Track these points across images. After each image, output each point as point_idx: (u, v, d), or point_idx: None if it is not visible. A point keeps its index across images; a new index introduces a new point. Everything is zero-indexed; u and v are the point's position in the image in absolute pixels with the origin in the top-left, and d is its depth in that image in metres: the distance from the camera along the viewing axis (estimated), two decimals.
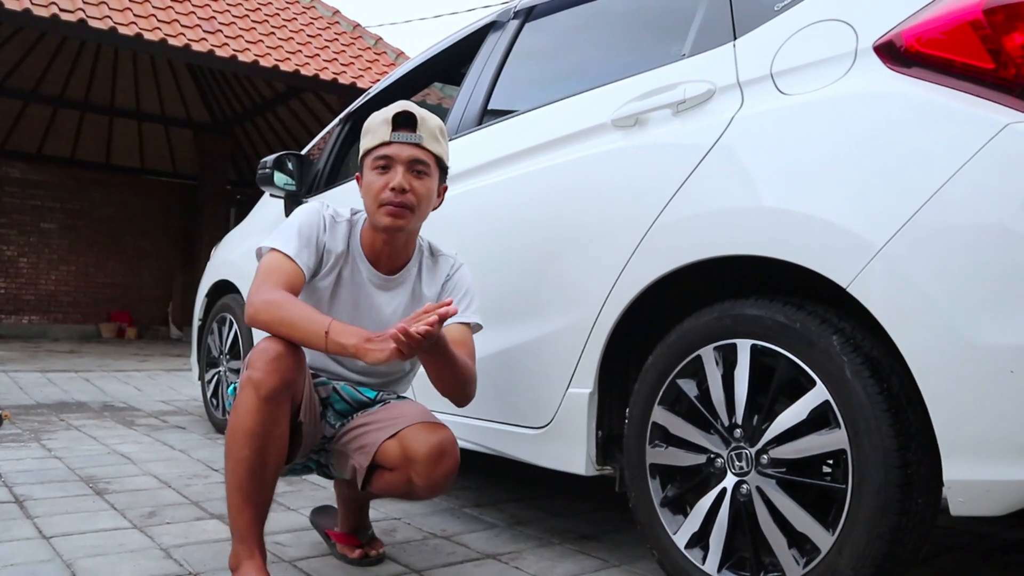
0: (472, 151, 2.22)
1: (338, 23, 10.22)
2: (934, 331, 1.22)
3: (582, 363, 1.79)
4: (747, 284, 1.62)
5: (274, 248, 1.61)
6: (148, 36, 7.37)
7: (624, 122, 1.78)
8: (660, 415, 1.62)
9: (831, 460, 1.42)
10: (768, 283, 1.60)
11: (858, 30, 1.42)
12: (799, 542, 1.40)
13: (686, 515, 1.58)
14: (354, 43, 9.77)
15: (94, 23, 7.12)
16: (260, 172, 2.99)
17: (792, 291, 1.50)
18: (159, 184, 12.40)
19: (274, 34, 8.89)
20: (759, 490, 1.44)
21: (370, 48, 9.80)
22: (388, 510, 2.27)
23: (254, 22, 9.01)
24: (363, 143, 1.68)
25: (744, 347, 1.48)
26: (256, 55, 8.04)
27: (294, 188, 3.00)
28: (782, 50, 1.53)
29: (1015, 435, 1.16)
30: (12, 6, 6.73)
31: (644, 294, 1.68)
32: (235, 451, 1.46)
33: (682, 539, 1.57)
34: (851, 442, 1.32)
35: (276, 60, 8.17)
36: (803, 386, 1.40)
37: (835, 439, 1.34)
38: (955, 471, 1.22)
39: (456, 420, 2.01)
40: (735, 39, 1.64)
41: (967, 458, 1.20)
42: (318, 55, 8.84)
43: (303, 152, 3.16)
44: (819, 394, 1.36)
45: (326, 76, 8.33)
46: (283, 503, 2.29)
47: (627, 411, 1.71)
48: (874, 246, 1.28)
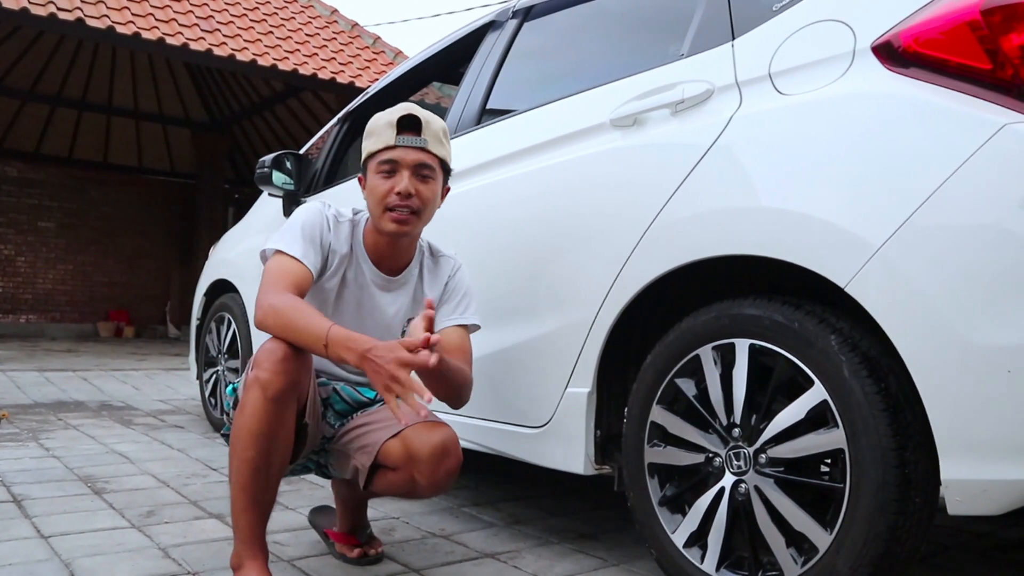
0: (471, 151, 2.22)
1: (336, 22, 10.22)
2: (932, 331, 1.23)
3: (581, 362, 1.80)
4: (745, 284, 1.63)
5: (279, 251, 1.59)
6: (146, 35, 7.36)
7: (623, 122, 1.78)
8: (659, 414, 1.63)
9: (829, 459, 1.42)
10: (766, 283, 1.60)
11: (856, 30, 1.42)
12: (797, 541, 1.40)
13: (684, 514, 1.58)
14: (352, 42, 9.76)
15: (92, 22, 7.11)
16: (258, 171, 2.99)
17: (790, 291, 1.50)
18: (157, 183, 12.40)
19: (272, 33, 8.89)
20: (757, 489, 1.45)
21: (368, 47, 9.80)
22: (387, 509, 2.27)
23: (252, 21, 9.01)
24: (366, 145, 1.67)
25: (742, 347, 1.48)
26: (254, 54, 8.03)
27: (292, 187, 3.00)
28: (780, 50, 1.53)
29: (1012, 435, 1.17)
30: (10, 5, 6.72)
31: (643, 293, 1.68)
32: (240, 451, 1.46)
33: (680, 538, 1.57)
34: (849, 441, 1.32)
35: (274, 59, 8.16)
36: (801, 386, 1.40)
37: (833, 438, 1.35)
38: (953, 470, 1.22)
39: (455, 419, 2.01)
40: (733, 39, 1.64)
41: (964, 457, 1.21)
42: (316, 54, 8.84)
43: (301, 151, 3.16)
44: (817, 393, 1.37)
45: (324, 75, 8.33)
46: (282, 502, 2.28)
47: (626, 410, 1.71)
48: (872, 246, 1.28)
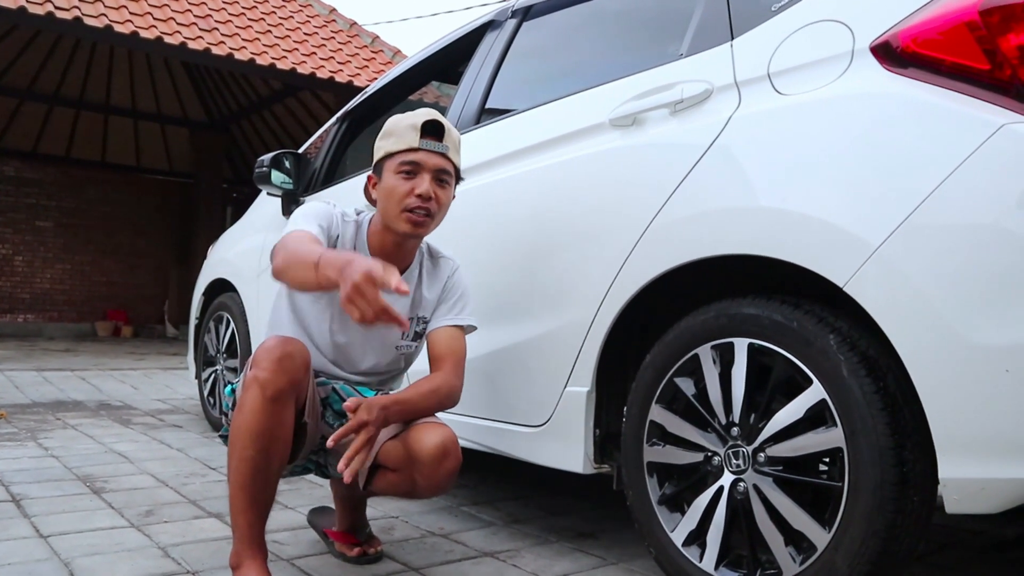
0: (470, 150, 2.21)
1: (335, 21, 10.21)
2: (930, 330, 1.23)
3: (580, 361, 1.80)
4: (744, 283, 1.63)
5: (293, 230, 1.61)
6: (144, 34, 7.35)
7: (622, 121, 1.79)
8: (658, 413, 1.63)
9: (827, 458, 1.43)
10: (765, 282, 1.60)
11: (855, 31, 1.42)
12: (795, 540, 1.41)
13: (683, 513, 1.59)
14: (351, 41, 9.76)
15: (90, 21, 7.10)
16: (257, 171, 2.99)
17: (789, 290, 1.51)
18: (155, 182, 12.38)
19: (270, 32, 8.88)
20: (756, 488, 1.45)
21: (367, 46, 9.79)
22: (386, 508, 2.28)
23: (250, 20, 8.99)
24: (384, 145, 1.68)
25: (741, 346, 1.49)
26: (252, 53, 8.02)
27: (291, 187, 3.00)
28: (779, 50, 1.53)
29: (1010, 433, 1.17)
30: (7, 4, 6.70)
31: (642, 293, 1.69)
32: (239, 450, 1.46)
33: (679, 537, 1.58)
34: (847, 440, 1.33)
35: (272, 58, 8.15)
36: (800, 385, 1.40)
37: (831, 437, 1.35)
38: (950, 469, 1.23)
39: (454, 418, 2.02)
40: (732, 39, 1.64)
41: (962, 456, 1.21)
42: (314, 53, 8.83)
43: (300, 151, 3.15)
44: (816, 393, 1.37)
45: (322, 74, 8.32)
46: (281, 501, 2.29)
47: (625, 409, 1.72)
48: (870, 245, 1.29)
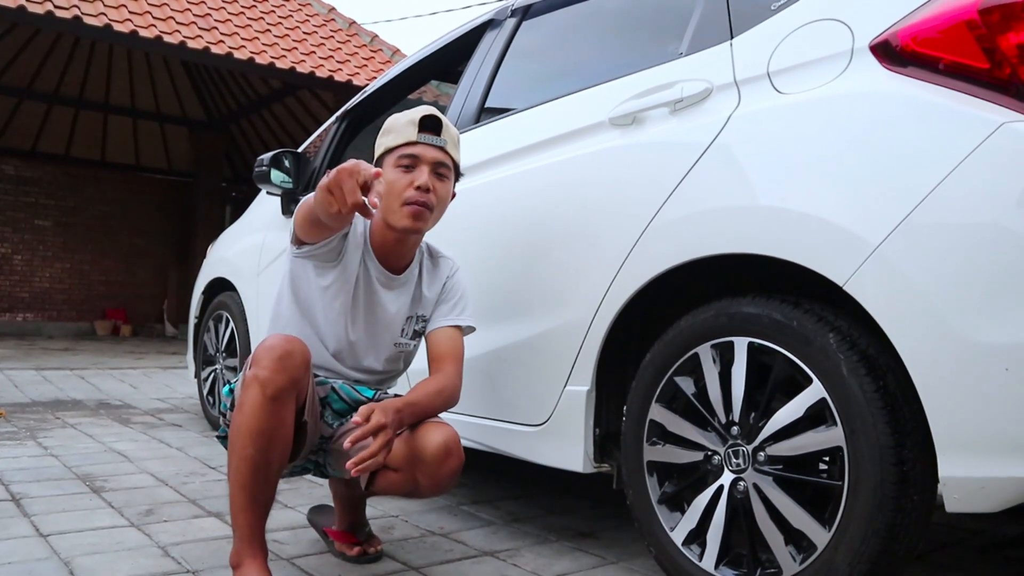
0: (469, 149, 2.21)
1: (334, 20, 10.20)
2: (930, 329, 1.23)
3: (580, 360, 1.80)
4: (744, 282, 1.63)
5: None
6: (143, 33, 7.34)
7: (622, 120, 1.79)
8: (657, 412, 1.63)
9: (827, 457, 1.42)
10: (765, 281, 1.60)
11: (854, 29, 1.42)
12: (795, 539, 1.41)
13: (683, 512, 1.59)
14: (350, 40, 9.75)
15: (89, 20, 7.09)
16: (257, 170, 2.99)
17: (789, 289, 1.51)
18: (154, 181, 12.37)
19: (270, 31, 8.87)
20: (756, 487, 1.45)
21: (366, 45, 9.78)
22: (386, 508, 2.28)
23: (249, 19, 8.99)
24: (384, 141, 1.70)
25: (741, 345, 1.49)
26: (251, 52, 8.02)
27: (291, 186, 3.00)
28: (779, 49, 1.53)
29: (1010, 432, 1.17)
30: (7, 2, 6.69)
31: (642, 291, 1.69)
32: (240, 450, 1.46)
33: (679, 536, 1.58)
34: (847, 439, 1.33)
35: (272, 57, 8.15)
36: (800, 384, 1.40)
37: (831, 436, 1.35)
38: (950, 468, 1.23)
39: (454, 417, 2.02)
40: (732, 38, 1.64)
41: (962, 455, 1.21)
42: (313, 52, 8.82)
43: (300, 150, 3.15)
44: (815, 391, 1.37)
45: (322, 73, 8.32)
46: (281, 501, 2.29)
47: (624, 408, 1.72)
48: (870, 244, 1.29)
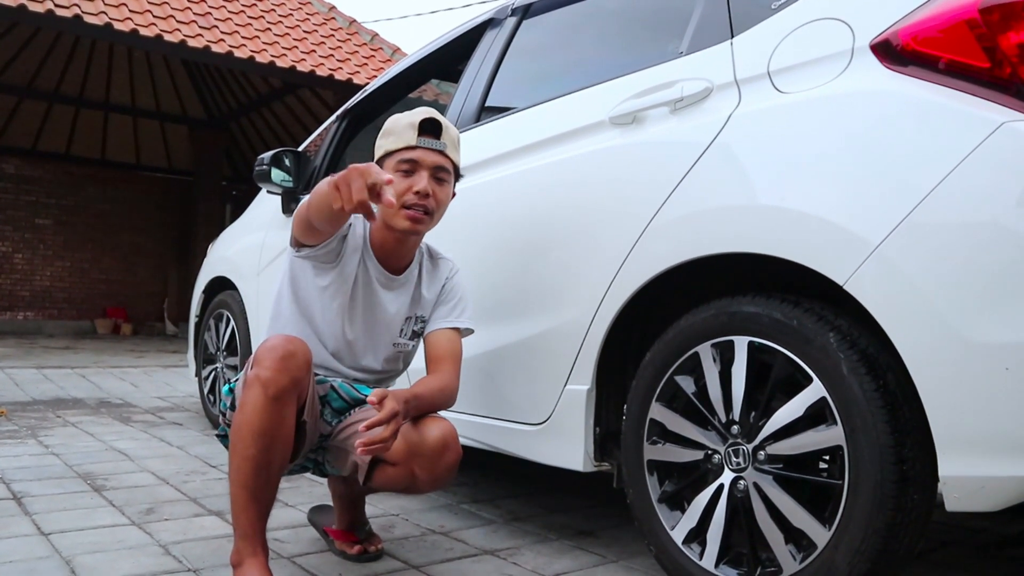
0: (469, 148, 2.21)
1: (334, 19, 10.20)
2: (930, 328, 1.23)
3: (580, 359, 1.80)
4: (744, 282, 1.63)
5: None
6: (144, 32, 7.34)
7: (622, 120, 1.79)
8: (658, 411, 1.63)
9: (827, 456, 1.43)
10: (765, 281, 1.60)
11: (855, 29, 1.42)
12: (796, 538, 1.41)
13: (683, 511, 1.59)
14: (350, 39, 9.75)
15: (89, 19, 7.09)
16: (257, 168, 2.99)
17: (789, 289, 1.51)
18: (154, 180, 12.37)
19: (270, 30, 8.87)
20: (756, 486, 1.45)
21: (366, 44, 9.78)
22: (386, 506, 2.28)
23: (250, 18, 8.99)
24: (383, 144, 1.70)
25: (741, 344, 1.49)
26: (252, 51, 8.02)
27: (291, 185, 3.00)
28: (779, 48, 1.53)
29: (1010, 431, 1.17)
30: (8, 2, 6.70)
31: (642, 290, 1.69)
32: (241, 449, 1.46)
33: (680, 535, 1.58)
34: (847, 438, 1.33)
35: (272, 56, 8.15)
36: (800, 383, 1.40)
37: (831, 435, 1.35)
38: (950, 467, 1.23)
39: (454, 416, 2.01)
40: (732, 37, 1.64)
41: (962, 454, 1.21)
42: (314, 51, 8.82)
43: (300, 149, 3.15)
44: (816, 391, 1.37)
45: (322, 72, 8.32)
46: (281, 499, 2.28)
47: (625, 407, 1.72)
48: (870, 244, 1.29)
